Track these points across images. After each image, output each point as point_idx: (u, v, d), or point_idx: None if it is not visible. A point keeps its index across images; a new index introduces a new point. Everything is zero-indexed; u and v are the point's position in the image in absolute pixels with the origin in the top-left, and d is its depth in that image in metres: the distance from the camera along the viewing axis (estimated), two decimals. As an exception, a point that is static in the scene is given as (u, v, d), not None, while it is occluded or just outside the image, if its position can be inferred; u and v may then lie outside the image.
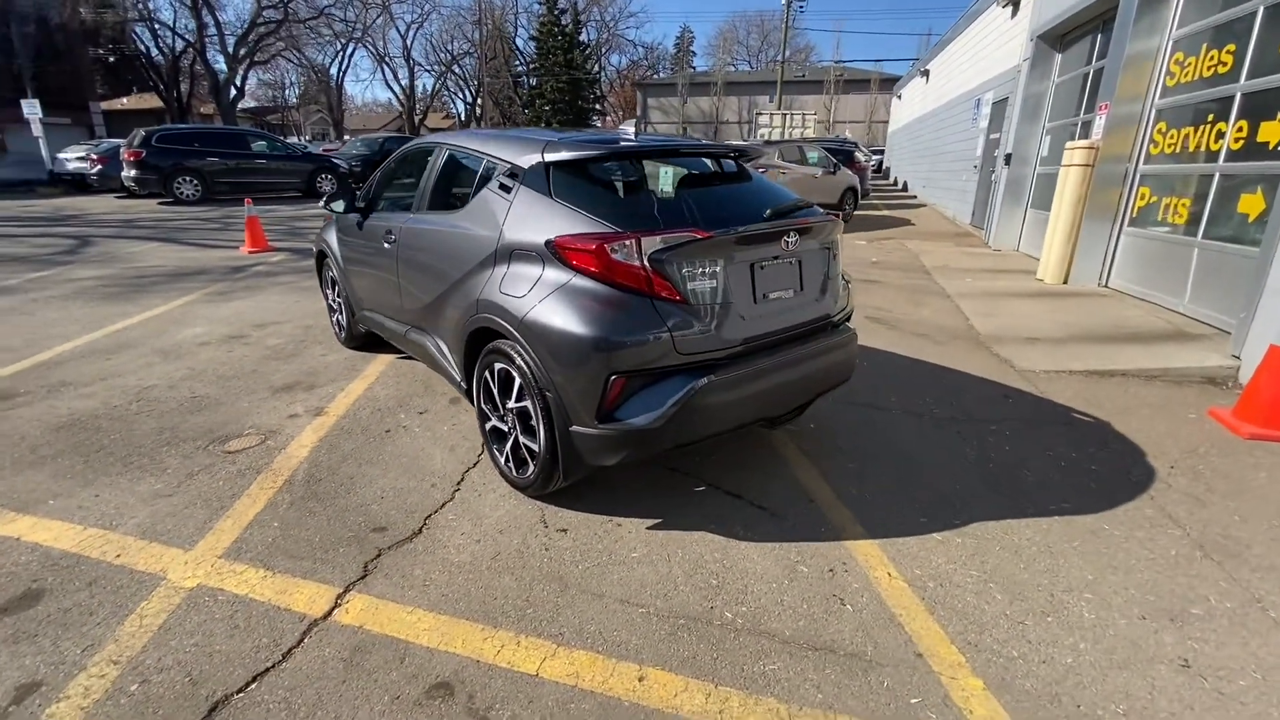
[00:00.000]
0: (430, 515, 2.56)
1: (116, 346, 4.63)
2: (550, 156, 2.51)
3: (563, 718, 1.66)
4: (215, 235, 10.08)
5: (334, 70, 46.36)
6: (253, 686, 1.73)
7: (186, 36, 29.34)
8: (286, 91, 55.01)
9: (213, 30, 28.34)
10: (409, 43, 48.48)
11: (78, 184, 16.32)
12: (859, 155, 15.77)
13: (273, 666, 1.80)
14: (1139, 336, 5.00)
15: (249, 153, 15.30)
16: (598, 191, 2.46)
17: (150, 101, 38.99)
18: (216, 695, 1.70)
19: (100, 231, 10.26)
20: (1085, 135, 7.27)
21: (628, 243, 2.16)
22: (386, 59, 47.83)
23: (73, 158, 16.28)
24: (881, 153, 29.91)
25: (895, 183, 24.53)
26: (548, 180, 2.48)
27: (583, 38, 49.15)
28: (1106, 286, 6.66)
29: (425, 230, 3.13)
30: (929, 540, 2.45)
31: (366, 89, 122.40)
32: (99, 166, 15.66)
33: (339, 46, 43.33)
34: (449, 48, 48.39)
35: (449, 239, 2.89)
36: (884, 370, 4.32)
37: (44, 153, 17.11)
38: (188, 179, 14.20)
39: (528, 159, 2.58)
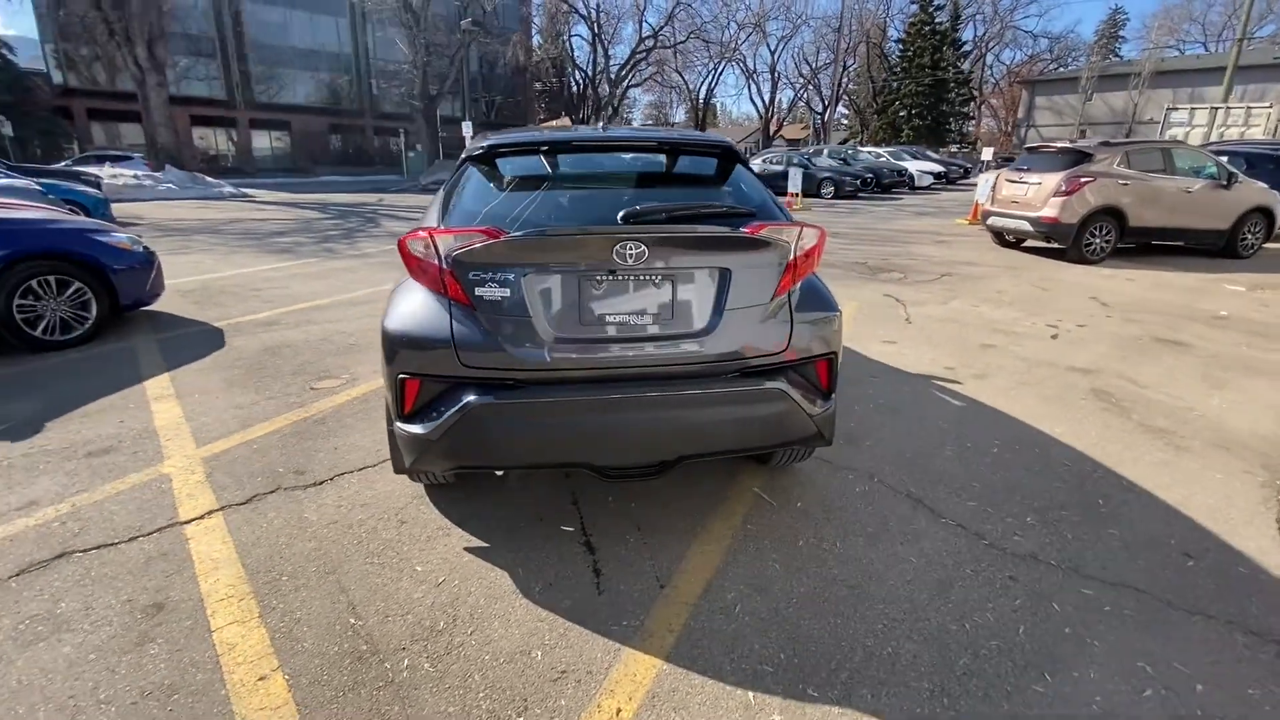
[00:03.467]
0: (343, 474, 2.84)
1: (365, 300, 6.20)
2: (471, 153, 2.47)
3: (173, 661, 1.73)
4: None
5: (704, 87, 51.33)
6: (93, 550, 2.26)
7: (585, 69, 36.30)
8: (668, 110, 63.16)
9: (602, 63, 34.44)
10: (776, 57, 50.62)
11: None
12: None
13: (118, 543, 2.30)
14: None
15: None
16: (477, 187, 2.31)
17: (566, 123, 49.59)
18: (72, 547, 2.27)
19: (459, 219, 13.63)
20: None
21: (427, 239, 2.02)
22: (753, 75, 50.90)
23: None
24: None
25: None
26: (459, 176, 2.46)
27: (966, 35, 44.06)
28: None
29: None
30: (726, 697, 1.68)
31: (735, 102, 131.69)
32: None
33: (712, 66, 47.79)
34: (811, 60, 48.82)
35: None
36: (1016, 463, 2.97)
37: (470, 161, 23.51)
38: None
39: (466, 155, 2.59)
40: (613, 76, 35.26)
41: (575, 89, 40.48)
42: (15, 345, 4.35)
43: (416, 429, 2.05)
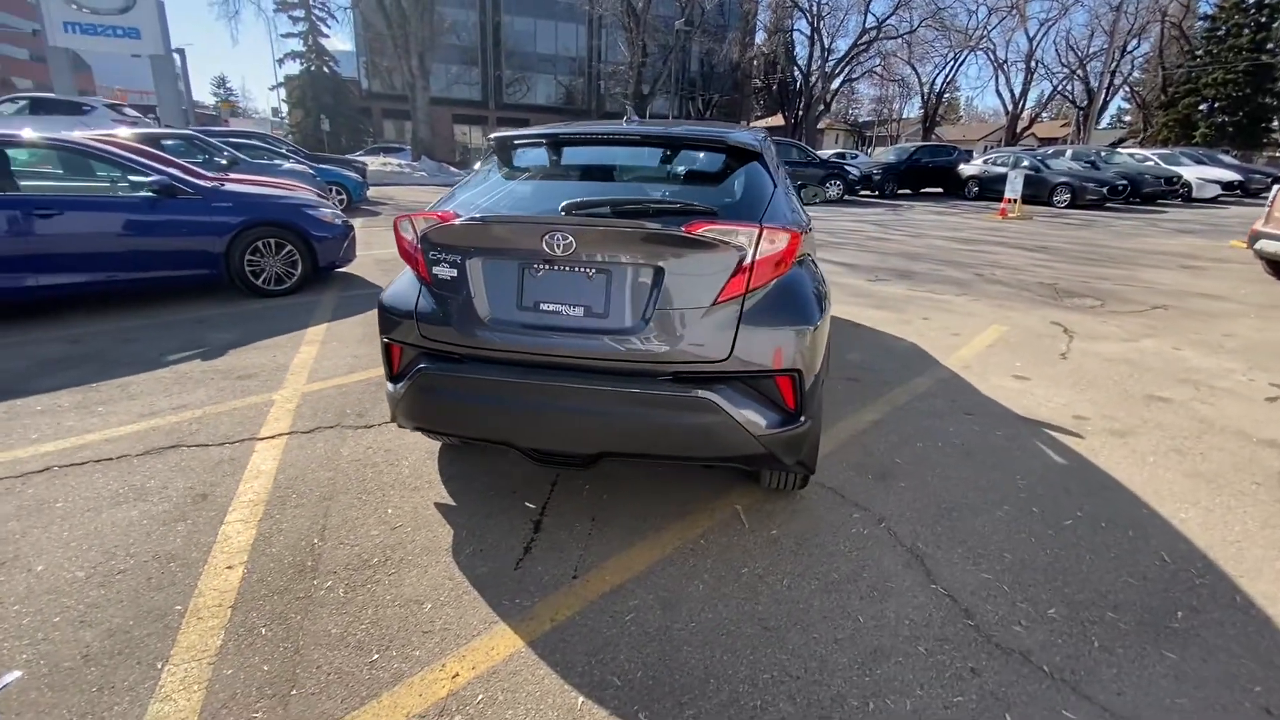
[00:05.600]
0: (389, 423, 3.26)
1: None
2: (489, 145, 2.67)
3: (187, 538, 2.21)
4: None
5: (940, 79, 46.34)
6: (194, 447, 2.93)
7: (802, 65, 35.06)
8: (894, 104, 58.48)
9: (819, 59, 32.93)
10: (1035, 44, 43.84)
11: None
12: None
13: (210, 445, 2.96)
14: None
15: (776, 158, 17.87)
16: (479, 177, 2.48)
17: (779, 121, 48.61)
18: (183, 441, 2.98)
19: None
20: None
21: (409, 220, 2.24)
22: (1003, 65, 44.75)
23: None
24: None
25: None
26: (478, 167, 2.67)
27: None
28: None
29: None
30: (557, 694, 1.66)
31: (979, 96, 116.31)
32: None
33: (951, 56, 43.00)
34: (1081, 47, 41.41)
35: None
36: (1088, 542, 2.37)
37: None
38: (726, 178, 17.81)
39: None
40: (827, 71, 33.63)
41: (793, 85, 39.45)
42: (243, 291, 5.68)
43: (391, 388, 2.32)
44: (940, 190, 21.14)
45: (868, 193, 19.89)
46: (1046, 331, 5.17)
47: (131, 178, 5.20)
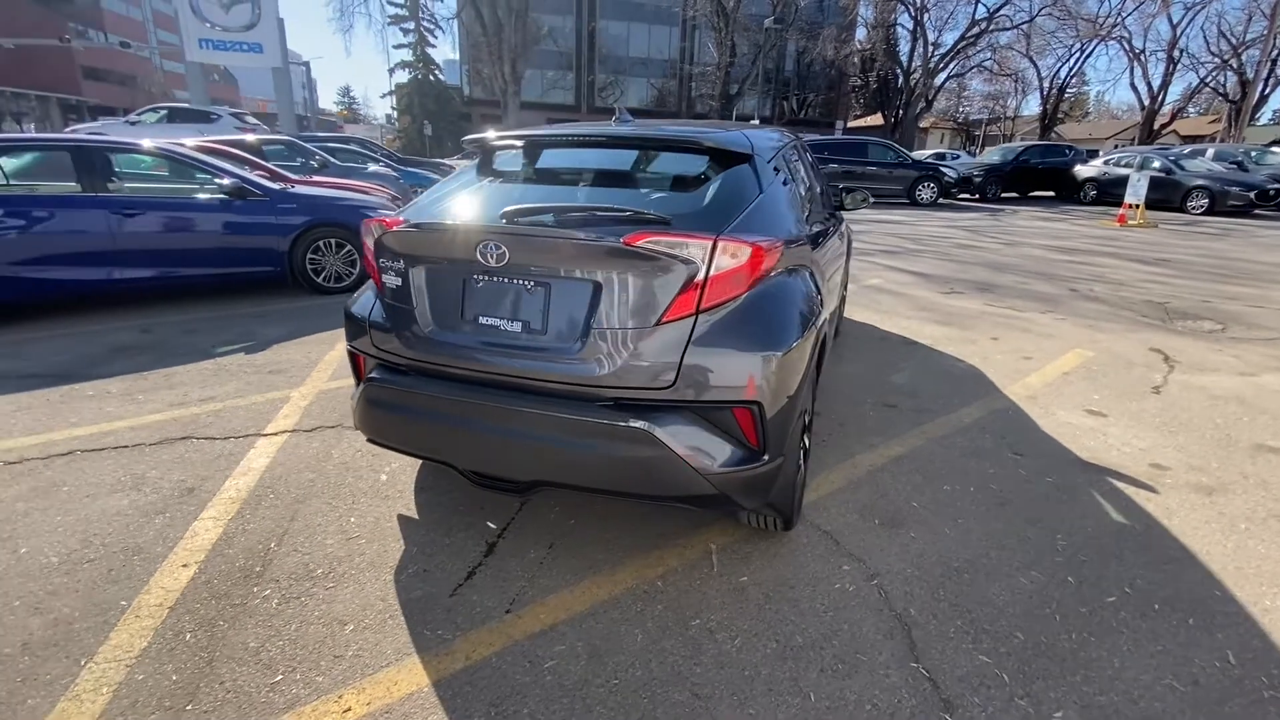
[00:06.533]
0: (389, 425, 3.28)
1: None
2: (468, 148, 2.58)
3: (160, 533, 2.27)
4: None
5: (1063, 71, 42.28)
6: (202, 440, 3.06)
7: (903, 61, 33.11)
8: (1008, 101, 54.11)
9: (920, 55, 30.93)
10: (1179, 32, 39.01)
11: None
12: None
13: (217, 438, 3.08)
14: None
15: (864, 159, 16.98)
16: (450, 180, 2.39)
17: (879, 120, 46.35)
18: (194, 434, 3.11)
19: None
20: None
21: (369, 225, 2.18)
22: (1140, 55, 40.22)
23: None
24: None
25: None
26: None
27: None
28: None
29: None
30: (448, 751, 1.51)
31: (1110, 90, 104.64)
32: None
33: (1077, 47, 39.14)
34: (1235, 32, 36.39)
35: None
36: (1132, 628, 1.95)
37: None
38: (808, 181, 17.11)
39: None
40: (930, 67, 31.55)
41: (894, 82, 37.44)
42: (304, 288, 6.00)
43: (354, 394, 2.28)
44: (1052, 194, 19.30)
45: (967, 196, 18.49)
46: (1141, 359, 4.47)
47: (212, 181, 5.61)
